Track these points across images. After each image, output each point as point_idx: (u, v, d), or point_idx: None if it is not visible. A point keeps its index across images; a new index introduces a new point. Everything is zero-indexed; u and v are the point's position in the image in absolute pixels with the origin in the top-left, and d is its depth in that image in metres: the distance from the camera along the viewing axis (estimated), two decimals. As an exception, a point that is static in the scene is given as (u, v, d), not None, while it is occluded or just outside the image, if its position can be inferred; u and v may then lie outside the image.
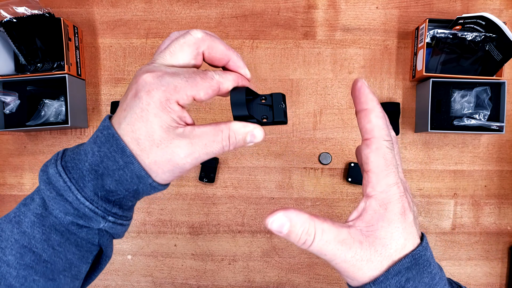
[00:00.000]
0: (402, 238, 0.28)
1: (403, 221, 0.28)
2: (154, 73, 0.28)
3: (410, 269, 0.27)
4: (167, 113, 0.27)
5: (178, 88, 0.27)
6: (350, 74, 0.73)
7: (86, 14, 0.74)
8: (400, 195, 0.28)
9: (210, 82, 0.29)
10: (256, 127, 0.31)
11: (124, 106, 0.28)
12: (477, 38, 0.64)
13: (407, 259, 0.27)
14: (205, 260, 0.75)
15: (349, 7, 0.73)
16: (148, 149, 0.28)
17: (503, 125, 0.67)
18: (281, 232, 0.27)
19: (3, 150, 0.75)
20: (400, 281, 0.27)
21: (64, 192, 0.28)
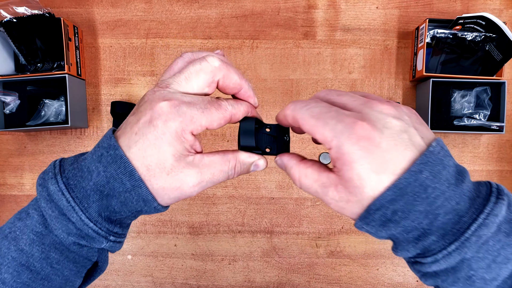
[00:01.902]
0: (373, 173, 0.25)
1: (368, 154, 0.25)
2: (171, 101, 0.28)
3: (395, 201, 0.25)
4: (181, 143, 0.28)
5: (194, 119, 0.28)
6: (350, 74, 0.73)
7: (86, 14, 0.74)
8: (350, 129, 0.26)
9: (224, 114, 0.30)
10: (260, 158, 0.34)
11: (135, 130, 0.28)
12: (477, 38, 0.64)
13: (389, 192, 0.25)
14: (205, 260, 0.75)
15: (349, 7, 0.73)
16: (157, 175, 0.28)
17: (503, 125, 0.67)
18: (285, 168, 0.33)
19: (3, 150, 0.75)
20: (384, 215, 0.26)
21: (67, 212, 0.28)
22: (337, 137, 0.26)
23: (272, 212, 0.74)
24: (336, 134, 0.26)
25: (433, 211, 0.25)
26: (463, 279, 0.26)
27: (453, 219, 0.26)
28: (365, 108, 0.27)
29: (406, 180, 0.25)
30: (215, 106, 0.29)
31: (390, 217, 0.26)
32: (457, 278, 0.26)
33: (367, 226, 0.27)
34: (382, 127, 0.25)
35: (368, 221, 0.27)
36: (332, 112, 0.27)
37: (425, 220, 0.26)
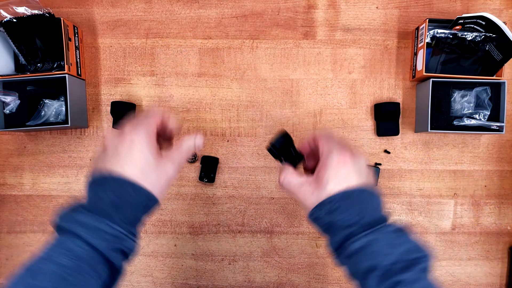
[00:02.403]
0: (336, 180, 0.43)
1: (339, 169, 0.43)
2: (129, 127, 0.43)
3: (341, 200, 0.42)
4: (152, 145, 0.43)
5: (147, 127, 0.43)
6: (350, 74, 0.73)
7: (86, 14, 0.74)
8: (339, 154, 0.44)
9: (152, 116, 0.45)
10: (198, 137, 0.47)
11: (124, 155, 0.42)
12: (477, 38, 0.64)
13: (340, 194, 0.42)
14: (205, 260, 0.75)
15: (349, 7, 0.73)
16: (149, 173, 0.42)
17: (503, 125, 0.67)
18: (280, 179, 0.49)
19: (3, 150, 0.75)
20: (331, 207, 0.42)
21: (100, 225, 0.39)
22: (331, 151, 0.44)
23: (272, 212, 0.74)
24: (332, 149, 0.44)
25: (362, 212, 0.41)
26: (370, 254, 0.40)
27: (372, 219, 0.42)
28: (354, 149, 0.46)
29: (353, 191, 0.42)
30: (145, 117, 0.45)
31: (336, 208, 0.42)
32: (366, 254, 0.40)
33: (319, 211, 0.43)
34: (356, 162, 0.44)
35: (321, 207, 0.43)
36: (335, 140, 0.46)
37: (357, 216, 0.41)
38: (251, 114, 0.74)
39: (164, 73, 0.74)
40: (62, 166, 0.75)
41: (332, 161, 0.43)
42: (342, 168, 0.43)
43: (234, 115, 0.74)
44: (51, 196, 0.75)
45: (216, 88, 0.74)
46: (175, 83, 0.74)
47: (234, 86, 0.74)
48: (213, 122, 0.74)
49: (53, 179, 0.75)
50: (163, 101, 0.74)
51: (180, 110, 0.74)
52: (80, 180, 0.75)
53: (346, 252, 0.41)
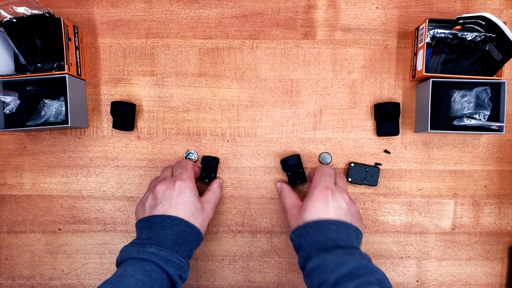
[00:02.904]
0: (312, 210, 0.54)
1: (316, 202, 0.54)
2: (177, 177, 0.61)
3: (311, 227, 0.52)
4: (195, 190, 0.59)
5: (190, 175, 0.61)
6: (350, 74, 0.73)
7: (86, 14, 0.74)
8: (321, 189, 0.55)
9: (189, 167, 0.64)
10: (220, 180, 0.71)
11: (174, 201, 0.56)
12: (477, 38, 0.64)
13: (311, 222, 0.53)
14: (205, 260, 0.75)
15: (349, 7, 0.73)
16: (197, 216, 0.58)
17: (503, 125, 0.67)
18: (278, 190, 0.68)
19: (3, 150, 0.75)
20: (302, 232, 0.53)
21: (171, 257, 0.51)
22: (317, 185, 0.56)
23: (272, 212, 0.74)
24: (318, 183, 0.56)
25: (326, 240, 0.51)
26: (320, 271, 0.48)
27: (333, 246, 0.50)
28: (338, 187, 0.58)
29: (322, 222, 0.52)
30: (183, 165, 0.64)
31: (304, 233, 0.53)
32: (318, 272, 0.48)
33: (293, 234, 0.55)
34: (336, 199, 0.54)
35: (295, 231, 0.55)
36: (327, 177, 0.58)
37: (319, 243, 0.51)
38: (251, 114, 0.74)
39: (164, 73, 0.74)
40: (62, 166, 0.75)
41: (314, 194, 0.54)
42: (319, 202, 0.53)
43: (234, 115, 0.74)
44: (51, 196, 0.75)
45: (216, 88, 0.74)
46: (175, 83, 0.74)
47: (234, 86, 0.74)
48: (213, 122, 0.74)
49: (53, 179, 0.75)
50: (163, 101, 0.74)
51: (180, 110, 0.74)
52: (80, 180, 0.75)
53: (305, 271, 0.51)
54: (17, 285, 0.76)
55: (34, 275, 0.76)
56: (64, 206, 0.75)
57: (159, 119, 0.74)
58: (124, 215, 0.75)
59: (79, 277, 0.76)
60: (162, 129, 0.74)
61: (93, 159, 0.74)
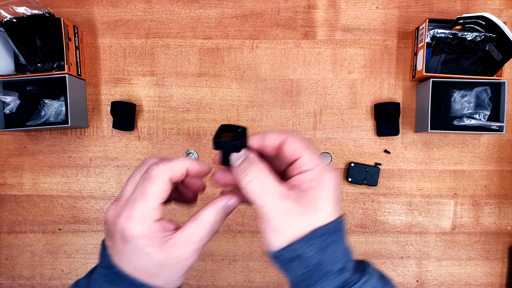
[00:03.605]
0: (332, 205, 0.31)
1: (334, 192, 0.31)
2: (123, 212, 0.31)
3: (332, 234, 0.30)
4: (154, 238, 0.30)
5: (146, 211, 0.30)
6: (350, 74, 0.73)
7: (86, 14, 0.74)
8: (334, 174, 0.32)
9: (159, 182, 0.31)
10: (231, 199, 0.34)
11: (118, 251, 0.31)
12: (477, 38, 0.64)
13: (332, 225, 0.31)
14: (205, 260, 0.75)
15: (349, 7, 0.73)
16: (157, 274, 0.31)
17: (503, 125, 0.67)
18: (234, 165, 0.32)
19: (3, 150, 0.75)
20: (323, 243, 0.30)
21: None
22: (321, 168, 0.32)
23: (272, 212, 0.74)
24: (319, 165, 0.32)
25: (348, 254, 0.32)
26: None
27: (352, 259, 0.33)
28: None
29: (341, 221, 0.32)
30: (147, 183, 0.31)
31: (325, 247, 0.30)
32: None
33: (308, 246, 0.30)
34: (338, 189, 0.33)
35: (309, 244, 0.30)
36: None
37: (345, 257, 0.31)
38: (251, 114, 0.74)
39: (164, 73, 0.74)
40: (62, 166, 0.75)
41: (330, 182, 0.31)
42: (337, 193, 0.32)
43: (234, 115, 0.74)
44: (51, 196, 0.75)
45: (216, 88, 0.74)
46: (175, 83, 0.74)
47: (234, 86, 0.74)
48: (213, 122, 0.74)
49: (53, 179, 0.75)
50: (163, 101, 0.74)
51: (180, 110, 0.74)
52: (80, 180, 0.75)
53: None
54: (17, 285, 0.76)
55: (34, 275, 0.76)
56: (64, 206, 0.75)
57: (159, 119, 0.74)
58: (124, 215, 0.75)
59: (79, 277, 0.76)
60: (162, 129, 0.74)
61: (93, 159, 0.74)
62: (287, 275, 0.32)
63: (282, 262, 0.31)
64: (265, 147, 0.34)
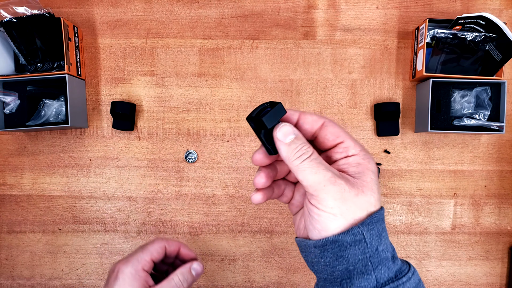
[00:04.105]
0: (379, 189, 0.31)
1: (377, 177, 0.31)
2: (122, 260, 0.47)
3: (383, 221, 0.31)
4: (137, 280, 0.45)
5: (139, 260, 0.46)
6: (350, 74, 0.73)
7: (86, 14, 0.74)
8: (373, 159, 0.32)
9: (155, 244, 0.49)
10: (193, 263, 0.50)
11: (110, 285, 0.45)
12: (477, 38, 0.64)
13: (382, 212, 0.30)
14: (205, 260, 0.75)
15: (349, 7, 0.73)
16: None
17: (503, 125, 0.67)
18: (284, 141, 0.30)
19: (3, 150, 0.75)
20: (379, 229, 0.29)
21: None
22: (365, 153, 0.31)
23: (272, 212, 0.74)
24: (362, 150, 0.31)
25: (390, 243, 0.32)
26: None
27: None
28: None
29: (383, 210, 0.31)
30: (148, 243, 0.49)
31: (381, 232, 0.30)
32: None
33: (369, 229, 0.29)
34: None
35: (369, 229, 0.29)
36: None
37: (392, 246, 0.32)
38: (251, 114, 0.74)
39: (164, 73, 0.74)
40: (62, 166, 0.75)
41: (374, 168, 0.31)
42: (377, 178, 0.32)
43: (234, 115, 0.74)
44: (51, 196, 0.75)
45: (216, 88, 0.74)
46: (175, 83, 0.74)
47: (234, 86, 0.74)
48: (213, 122, 0.74)
49: (53, 179, 0.75)
50: (163, 101, 0.74)
51: (180, 110, 0.74)
52: (80, 180, 0.75)
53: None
54: (17, 285, 0.76)
55: (34, 275, 0.76)
56: (64, 206, 0.75)
57: (159, 119, 0.74)
58: (124, 215, 0.75)
59: (79, 277, 0.76)
60: (162, 129, 0.74)
61: (93, 159, 0.74)
62: (338, 263, 0.29)
63: (339, 247, 0.28)
64: (301, 126, 0.32)
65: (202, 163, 0.74)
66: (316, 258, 0.30)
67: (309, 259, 0.31)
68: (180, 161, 0.74)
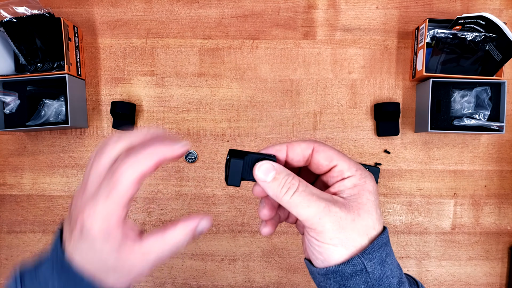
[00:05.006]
0: (377, 209, 0.30)
1: (376, 197, 0.30)
2: (87, 206, 0.28)
3: (386, 245, 0.29)
4: (112, 238, 0.28)
5: (110, 212, 0.28)
6: (350, 74, 0.73)
7: (86, 14, 0.74)
8: (372, 177, 0.31)
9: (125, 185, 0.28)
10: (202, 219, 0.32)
11: (73, 241, 0.29)
12: (477, 38, 0.64)
13: (385, 236, 0.29)
14: (205, 260, 0.75)
15: (349, 7, 0.73)
16: (107, 273, 0.29)
17: (503, 125, 0.67)
18: (265, 181, 0.29)
19: (3, 150, 0.75)
20: (381, 255, 0.28)
21: None
22: (361, 173, 0.30)
23: (272, 212, 0.74)
24: (358, 169, 0.30)
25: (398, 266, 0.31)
26: None
27: None
28: None
29: (387, 232, 0.30)
30: (112, 186, 0.28)
31: (384, 259, 0.29)
32: None
33: (370, 258, 0.28)
34: None
35: (370, 258, 0.28)
36: None
37: (397, 268, 0.30)
38: (251, 114, 0.74)
39: (164, 73, 0.74)
40: (62, 166, 0.75)
41: (372, 187, 0.30)
42: (378, 198, 0.31)
43: (234, 115, 0.74)
44: (51, 196, 0.75)
45: (216, 88, 0.74)
46: (175, 83, 0.74)
47: (234, 86, 0.74)
48: (213, 122, 0.74)
49: (53, 179, 0.75)
50: (163, 101, 0.74)
51: (180, 110, 0.74)
52: (80, 180, 0.75)
53: None
54: (17, 285, 0.76)
55: (34, 275, 0.76)
56: (64, 206, 0.75)
57: (159, 119, 0.74)
58: (124, 215, 0.75)
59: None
60: (162, 129, 0.74)
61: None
62: None
63: (341, 277, 0.28)
64: (292, 159, 0.31)
65: (202, 163, 0.74)
66: (322, 283, 0.30)
67: (317, 282, 0.32)
68: (180, 161, 0.74)
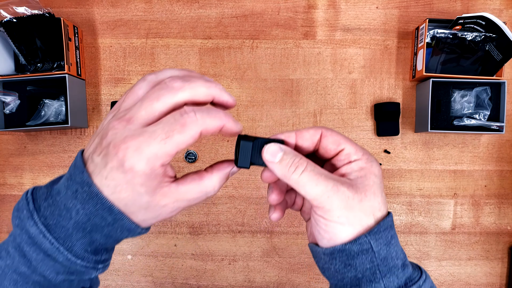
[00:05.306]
0: (383, 192, 0.31)
1: (381, 180, 0.31)
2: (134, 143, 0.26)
3: (392, 228, 0.30)
4: (152, 179, 0.27)
5: (159, 154, 0.26)
6: (350, 74, 0.73)
7: (86, 14, 0.74)
8: (377, 161, 0.32)
9: (190, 134, 0.27)
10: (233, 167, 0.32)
11: (105, 174, 0.27)
12: (477, 38, 0.64)
13: (390, 218, 0.30)
14: (205, 260, 0.75)
15: (349, 7, 0.73)
16: (136, 211, 0.28)
17: (503, 125, 0.67)
18: (274, 161, 0.30)
19: (3, 150, 0.75)
20: (387, 236, 0.29)
21: (53, 253, 0.28)
22: (367, 157, 0.31)
23: (272, 212, 0.74)
24: (365, 153, 0.31)
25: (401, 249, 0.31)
26: None
27: None
28: None
29: (392, 215, 0.31)
30: (177, 129, 0.26)
31: (390, 240, 0.30)
32: None
33: (377, 238, 0.29)
34: None
35: (377, 237, 0.29)
36: None
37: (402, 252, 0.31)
38: (251, 114, 0.74)
39: (164, 73, 0.74)
40: (62, 166, 0.75)
41: (378, 170, 0.31)
42: (382, 181, 0.32)
43: (234, 115, 0.74)
44: (51, 196, 0.75)
45: (216, 88, 0.74)
46: (175, 83, 0.74)
47: (234, 86, 0.74)
48: (213, 122, 0.74)
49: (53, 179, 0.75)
50: (163, 101, 0.74)
51: (180, 110, 0.74)
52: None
53: None
54: (17, 285, 0.76)
55: (34, 275, 0.76)
56: (64, 206, 0.75)
57: (159, 119, 0.74)
58: (124, 215, 0.75)
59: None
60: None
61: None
62: (346, 271, 0.30)
63: (347, 256, 0.29)
64: (301, 144, 0.32)
65: (202, 163, 0.74)
66: (326, 264, 0.31)
67: (320, 264, 0.32)
68: (180, 161, 0.74)
